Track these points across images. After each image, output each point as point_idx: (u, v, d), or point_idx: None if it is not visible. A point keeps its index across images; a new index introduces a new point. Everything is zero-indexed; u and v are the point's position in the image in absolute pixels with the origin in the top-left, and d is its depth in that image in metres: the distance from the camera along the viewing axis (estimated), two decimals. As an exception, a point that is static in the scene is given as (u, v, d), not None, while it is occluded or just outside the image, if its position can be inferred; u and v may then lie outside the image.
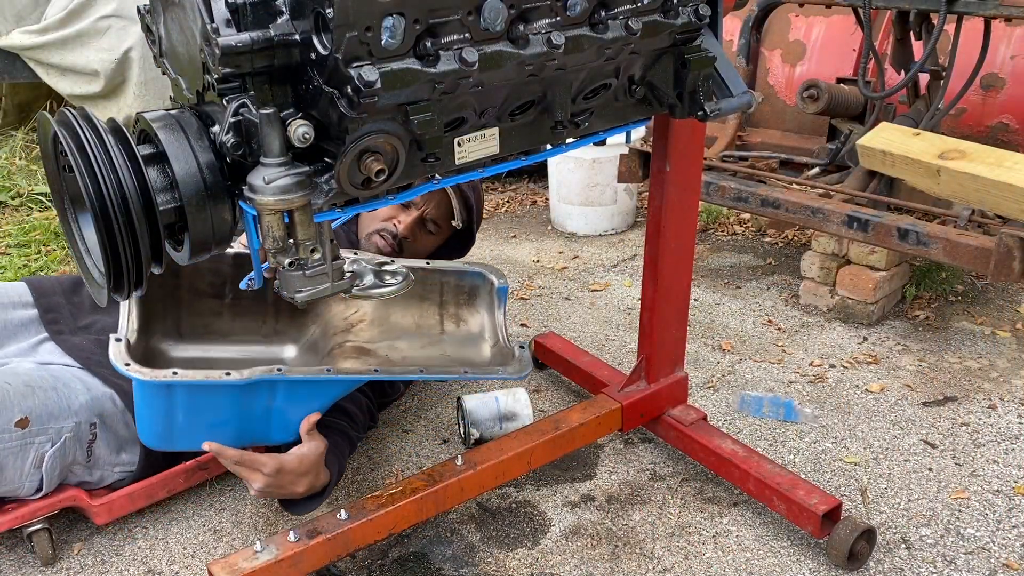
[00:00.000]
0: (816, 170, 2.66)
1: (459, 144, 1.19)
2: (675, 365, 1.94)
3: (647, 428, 2.02)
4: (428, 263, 1.89)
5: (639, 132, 2.77)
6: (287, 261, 1.13)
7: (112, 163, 1.00)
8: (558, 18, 1.13)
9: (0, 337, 1.80)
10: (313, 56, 1.00)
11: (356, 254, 1.74)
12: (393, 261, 1.60)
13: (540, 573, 1.69)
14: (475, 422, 2.03)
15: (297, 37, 1.00)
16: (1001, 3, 2.13)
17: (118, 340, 1.48)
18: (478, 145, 1.22)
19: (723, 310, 2.78)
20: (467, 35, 1.06)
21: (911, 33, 2.45)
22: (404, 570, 1.70)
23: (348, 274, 1.36)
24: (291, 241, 1.10)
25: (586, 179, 3.40)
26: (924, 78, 2.52)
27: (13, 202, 3.63)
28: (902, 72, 2.51)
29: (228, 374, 1.45)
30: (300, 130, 1.01)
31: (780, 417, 2.18)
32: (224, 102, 1.01)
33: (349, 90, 0.98)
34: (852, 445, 2.06)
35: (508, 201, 3.92)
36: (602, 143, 1.44)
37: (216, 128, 1.04)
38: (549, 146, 1.35)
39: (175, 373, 1.43)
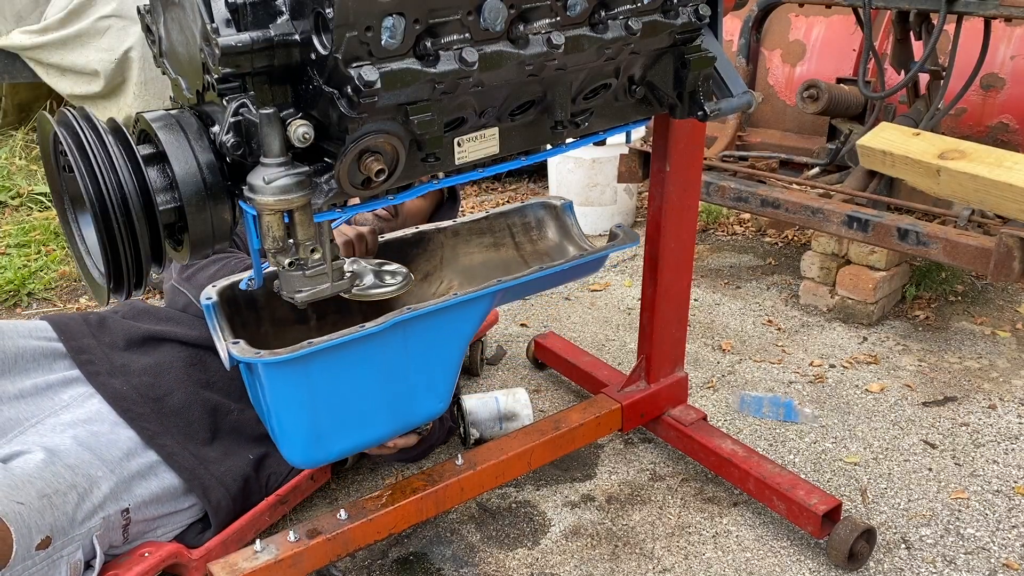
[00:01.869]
0: (816, 170, 2.66)
1: (459, 144, 1.19)
2: (675, 365, 1.94)
3: (647, 428, 2.02)
4: (487, 212, 1.87)
5: (639, 132, 2.77)
6: (287, 261, 1.13)
7: (112, 163, 1.00)
8: (558, 18, 1.13)
9: (11, 365, 1.61)
10: (313, 56, 1.00)
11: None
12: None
13: (540, 573, 1.69)
14: (475, 422, 2.04)
15: (297, 37, 1.00)
16: (1001, 3, 2.13)
17: (235, 343, 1.35)
18: (478, 145, 1.22)
19: (723, 310, 2.78)
20: (467, 35, 1.06)
21: (911, 33, 2.45)
22: (404, 570, 1.70)
23: (348, 274, 1.36)
24: (291, 241, 1.10)
25: (586, 179, 3.40)
26: (924, 78, 2.52)
27: (13, 202, 3.63)
28: (902, 72, 2.51)
29: (363, 326, 1.34)
30: (300, 130, 1.01)
31: (780, 417, 2.18)
32: (224, 102, 1.01)
33: (349, 90, 0.98)
34: (852, 445, 2.06)
35: (508, 201, 3.92)
36: (602, 143, 1.43)
37: (216, 128, 1.04)
38: (549, 146, 1.35)
39: (310, 343, 1.31)
